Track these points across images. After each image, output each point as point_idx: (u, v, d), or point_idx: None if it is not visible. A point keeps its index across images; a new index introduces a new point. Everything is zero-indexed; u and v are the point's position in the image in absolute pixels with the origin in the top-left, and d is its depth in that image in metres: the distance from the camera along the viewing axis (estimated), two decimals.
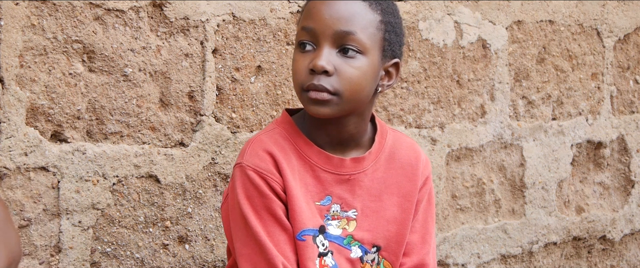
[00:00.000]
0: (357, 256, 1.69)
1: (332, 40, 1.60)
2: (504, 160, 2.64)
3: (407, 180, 1.75)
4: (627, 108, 2.97)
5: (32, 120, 1.81)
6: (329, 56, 1.59)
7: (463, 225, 2.57)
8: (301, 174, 1.66)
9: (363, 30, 1.60)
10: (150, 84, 1.96)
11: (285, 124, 1.71)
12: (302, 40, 1.63)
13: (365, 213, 1.70)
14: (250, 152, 1.65)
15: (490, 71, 2.57)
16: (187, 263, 2.06)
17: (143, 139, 1.96)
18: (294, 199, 1.63)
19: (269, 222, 1.62)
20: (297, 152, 1.67)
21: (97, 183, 1.90)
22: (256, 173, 1.62)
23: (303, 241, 1.64)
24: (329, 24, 1.59)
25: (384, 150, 1.74)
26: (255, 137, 1.69)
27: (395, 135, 1.79)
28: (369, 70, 1.63)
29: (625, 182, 2.99)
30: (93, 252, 1.92)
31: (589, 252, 2.93)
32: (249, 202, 1.62)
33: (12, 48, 1.77)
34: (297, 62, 1.63)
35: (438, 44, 2.45)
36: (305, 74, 1.60)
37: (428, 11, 2.42)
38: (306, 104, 1.63)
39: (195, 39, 2.01)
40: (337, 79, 1.59)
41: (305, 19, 1.64)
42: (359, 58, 1.61)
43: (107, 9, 1.88)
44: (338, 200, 1.69)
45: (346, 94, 1.60)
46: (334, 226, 1.68)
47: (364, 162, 1.71)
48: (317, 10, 1.61)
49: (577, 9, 2.77)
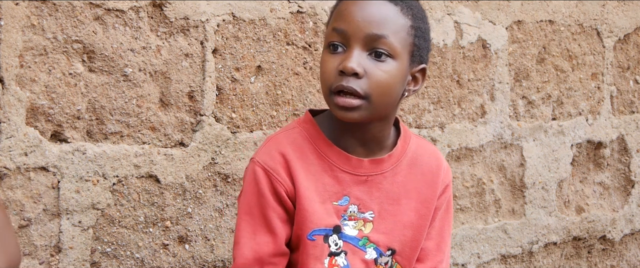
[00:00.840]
0: (371, 258, 1.70)
1: (363, 42, 1.59)
2: (504, 160, 2.64)
3: (427, 187, 1.75)
4: (627, 108, 2.97)
5: (32, 120, 1.81)
6: (360, 58, 1.58)
7: (463, 225, 2.57)
8: (319, 174, 1.67)
9: (394, 35, 1.60)
10: (150, 84, 1.96)
11: (307, 123, 1.71)
12: (333, 41, 1.62)
13: (383, 216, 1.71)
14: (264, 149, 1.68)
15: (490, 71, 2.57)
16: (187, 263, 2.06)
17: (143, 139, 1.96)
18: (305, 200, 1.64)
19: (258, 221, 1.64)
20: (316, 152, 1.67)
21: (97, 183, 1.90)
22: (263, 170, 1.64)
23: (313, 241, 1.65)
24: (360, 26, 1.58)
25: (406, 155, 1.74)
26: (273, 135, 1.71)
27: (418, 142, 1.79)
28: (398, 75, 1.62)
29: (625, 182, 2.99)
30: (93, 252, 1.92)
31: (589, 252, 2.94)
32: (248, 197, 1.65)
33: (12, 48, 1.77)
34: (326, 62, 1.62)
35: (438, 44, 2.45)
36: (335, 75, 1.60)
37: (428, 11, 2.42)
38: (333, 108, 1.63)
39: (195, 39, 2.01)
40: (367, 82, 1.59)
41: (337, 20, 1.63)
42: (389, 62, 1.60)
43: (107, 9, 1.88)
44: (356, 201, 1.69)
45: (375, 97, 1.60)
46: (350, 227, 1.69)
47: (383, 164, 1.71)
48: (349, 11, 1.60)
49: (577, 9, 2.77)
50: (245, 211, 1.65)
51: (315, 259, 1.65)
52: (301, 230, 1.65)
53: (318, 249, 1.65)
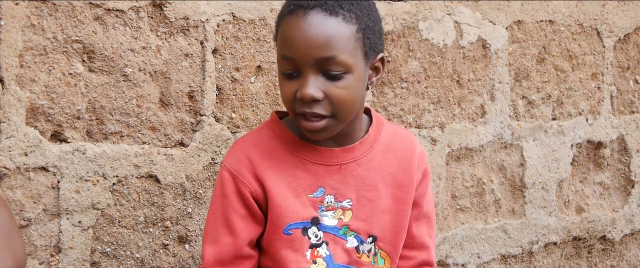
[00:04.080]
0: (353, 246, 1.71)
1: (314, 67, 1.56)
2: (504, 160, 2.64)
3: (402, 171, 1.75)
4: (627, 108, 2.97)
5: (32, 120, 1.81)
6: (315, 83, 1.56)
7: (463, 225, 2.57)
8: (290, 170, 1.68)
9: (343, 50, 1.56)
10: (150, 84, 1.96)
11: (273, 123, 1.73)
12: (285, 70, 1.60)
13: (361, 203, 1.72)
14: (230, 153, 1.70)
15: (490, 71, 2.57)
16: (187, 263, 2.06)
17: (143, 139, 1.96)
18: (277, 197, 1.65)
19: (220, 224, 1.67)
20: (284, 149, 1.69)
21: (97, 183, 1.90)
22: (229, 173, 1.67)
23: (289, 235, 1.66)
24: (307, 53, 1.55)
25: (379, 141, 1.75)
26: (240, 139, 1.73)
27: (392, 128, 1.80)
28: (358, 84, 1.61)
29: (625, 182, 2.98)
30: (93, 252, 1.92)
31: (589, 252, 2.93)
32: (214, 201, 1.69)
33: (12, 48, 1.77)
34: (284, 87, 1.61)
35: (438, 44, 2.45)
36: (294, 100, 1.59)
37: (428, 11, 2.42)
38: (302, 129, 1.63)
39: (195, 39, 2.01)
40: (328, 103, 1.58)
41: (283, 47, 1.59)
42: (346, 77, 1.58)
43: (107, 9, 1.88)
44: (331, 191, 1.70)
45: (340, 114, 1.60)
46: (330, 217, 1.70)
47: (355, 151, 1.72)
48: (293, 39, 1.56)
49: (577, 9, 2.77)
50: (210, 214, 1.69)
51: (295, 252, 1.67)
52: (277, 226, 1.67)
53: (297, 242, 1.67)
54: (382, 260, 1.74)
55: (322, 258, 1.69)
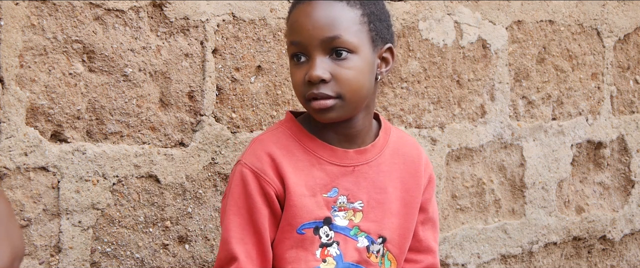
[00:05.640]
0: (363, 246, 1.73)
1: (321, 48, 1.62)
2: (504, 160, 2.64)
3: (410, 176, 1.79)
4: (627, 108, 2.97)
5: (32, 120, 1.81)
6: (323, 64, 1.62)
7: (463, 225, 2.57)
8: (308, 169, 1.69)
9: (347, 31, 1.62)
10: (150, 84, 1.96)
11: (289, 122, 1.74)
12: (293, 53, 1.66)
13: (371, 205, 1.73)
14: (250, 151, 1.70)
15: (490, 71, 2.57)
16: (187, 263, 2.06)
17: (143, 139, 1.96)
18: (295, 196, 1.66)
19: (246, 224, 1.66)
20: (301, 148, 1.70)
21: (97, 183, 1.90)
22: (251, 172, 1.66)
23: (302, 234, 1.67)
24: (313, 34, 1.61)
25: (388, 145, 1.78)
26: (258, 137, 1.73)
27: (399, 133, 1.83)
28: (365, 66, 1.65)
29: (625, 182, 2.98)
30: (93, 252, 1.92)
31: (589, 252, 2.93)
32: (236, 199, 1.67)
33: (12, 48, 1.77)
34: (294, 74, 1.67)
35: (438, 44, 2.45)
36: (305, 85, 1.64)
37: (428, 11, 2.42)
38: (312, 113, 1.67)
39: (195, 39, 2.01)
40: (336, 83, 1.62)
41: (291, 34, 1.67)
42: (352, 58, 1.63)
43: (107, 9, 1.88)
44: (345, 192, 1.71)
45: (348, 95, 1.63)
46: (341, 217, 1.71)
47: (368, 153, 1.74)
48: (300, 23, 1.64)
49: (577, 9, 2.77)
50: (233, 212, 1.66)
51: (304, 250, 1.67)
52: (291, 226, 1.67)
53: (307, 242, 1.67)
54: (389, 262, 1.76)
55: (332, 258, 1.70)
